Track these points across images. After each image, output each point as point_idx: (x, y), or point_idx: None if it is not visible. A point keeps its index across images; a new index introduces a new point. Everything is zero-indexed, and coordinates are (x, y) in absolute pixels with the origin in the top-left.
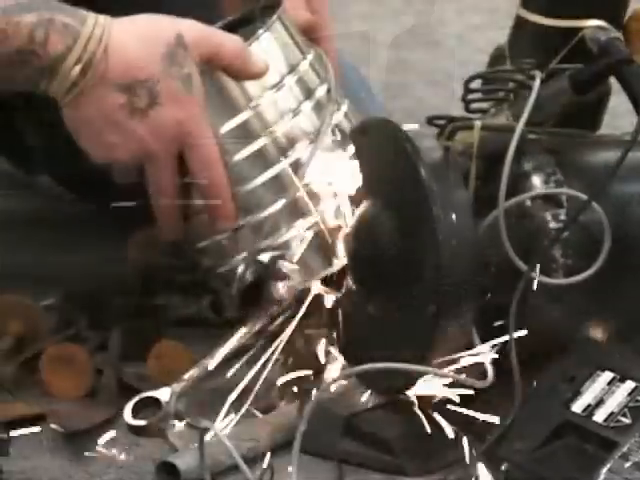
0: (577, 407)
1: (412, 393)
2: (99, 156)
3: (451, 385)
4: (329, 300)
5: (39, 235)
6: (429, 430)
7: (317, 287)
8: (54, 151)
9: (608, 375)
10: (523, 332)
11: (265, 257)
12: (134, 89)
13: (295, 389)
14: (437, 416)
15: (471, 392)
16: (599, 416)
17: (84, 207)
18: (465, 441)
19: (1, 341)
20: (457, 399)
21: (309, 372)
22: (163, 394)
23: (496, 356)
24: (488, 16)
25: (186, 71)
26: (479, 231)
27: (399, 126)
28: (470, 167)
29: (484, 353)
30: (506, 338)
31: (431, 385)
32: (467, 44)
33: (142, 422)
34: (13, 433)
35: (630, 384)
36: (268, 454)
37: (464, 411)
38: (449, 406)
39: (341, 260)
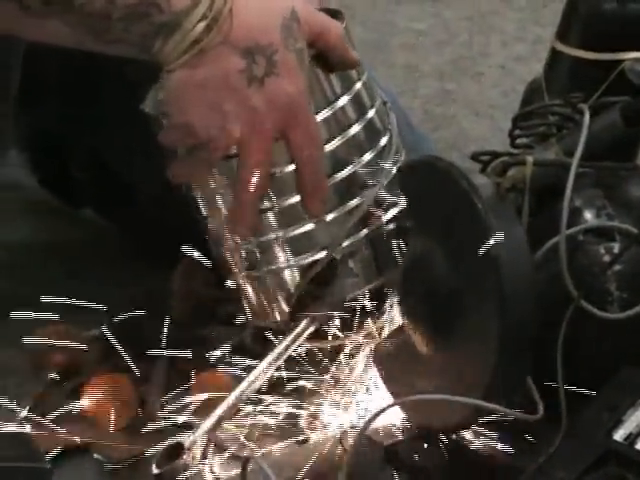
0: (619, 436)
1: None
2: (205, 126)
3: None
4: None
5: (84, 266)
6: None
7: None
8: (99, 184)
9: None
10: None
11: (337, 254)
12: (254, 54)
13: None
14: (478, 445)
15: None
16: None
17: (128, 239)
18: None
19: (46, 372)
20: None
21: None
22: (188, 440)
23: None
24: (531, 47)
25: (299, 45)
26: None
27: (452, 163)
28: (520, 203)
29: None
30: None
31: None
32: (510, 75)
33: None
34: (56, 463)
35: None
36: None
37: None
38: (492, 436)
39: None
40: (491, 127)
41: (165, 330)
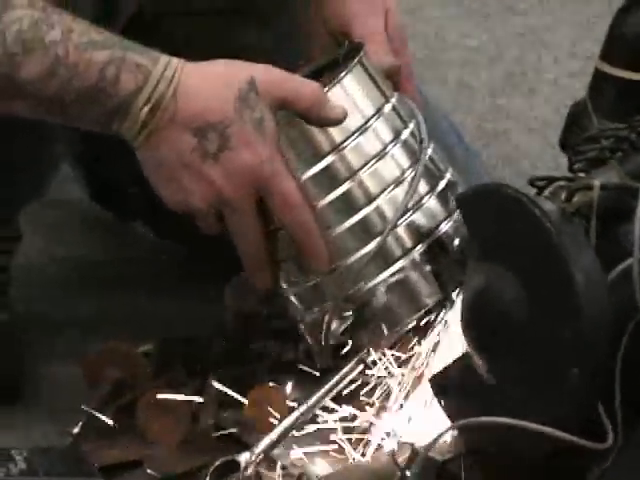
0: None
1: None
2: (174, 202)
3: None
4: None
5: (137, 283)
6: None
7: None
8: (148, 196)
9: None
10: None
11: (351, 305)
12: (205, 132)
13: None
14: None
15: None
16: None
17: (180, 254)
18: None
19: (99, 387)
20: None
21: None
22: (244, 457)
23: None
24: (584, 63)
25: (258, 115)
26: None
27: (520, 190)
28: (586, 227)
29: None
30: None
31: None
32: (563, 91)
33: None
34: (110, 479)
35: None
36: None
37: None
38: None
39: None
40: (543, 143)
41: (218, 345)
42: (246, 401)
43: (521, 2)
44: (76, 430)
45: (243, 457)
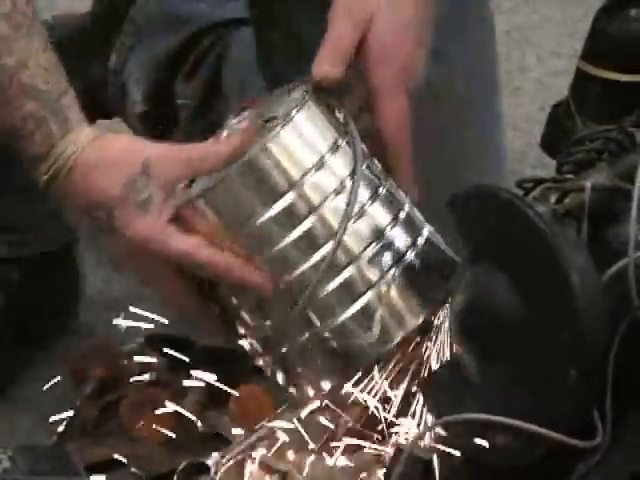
0: None
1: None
2: None
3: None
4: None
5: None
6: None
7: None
8: None
9: None
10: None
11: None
12: (94, 210)
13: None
14: None
15: None
16: None
17: None
18: None
19: (84, 385)
20: None
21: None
22: (213, 460)
23: None
24: (568, 61)
25: (144, 197)
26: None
27: (513, 192)
28: (577, 229)
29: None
30: None
31: None
32: (548, 89)
33: None
34: (94, 477)
35: None
36: None
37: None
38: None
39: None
40: (529, 141)
41: (203, 343)
42: (231, 400)
43: (507, 0)
44: (61, 429)
45: (212, 460)
